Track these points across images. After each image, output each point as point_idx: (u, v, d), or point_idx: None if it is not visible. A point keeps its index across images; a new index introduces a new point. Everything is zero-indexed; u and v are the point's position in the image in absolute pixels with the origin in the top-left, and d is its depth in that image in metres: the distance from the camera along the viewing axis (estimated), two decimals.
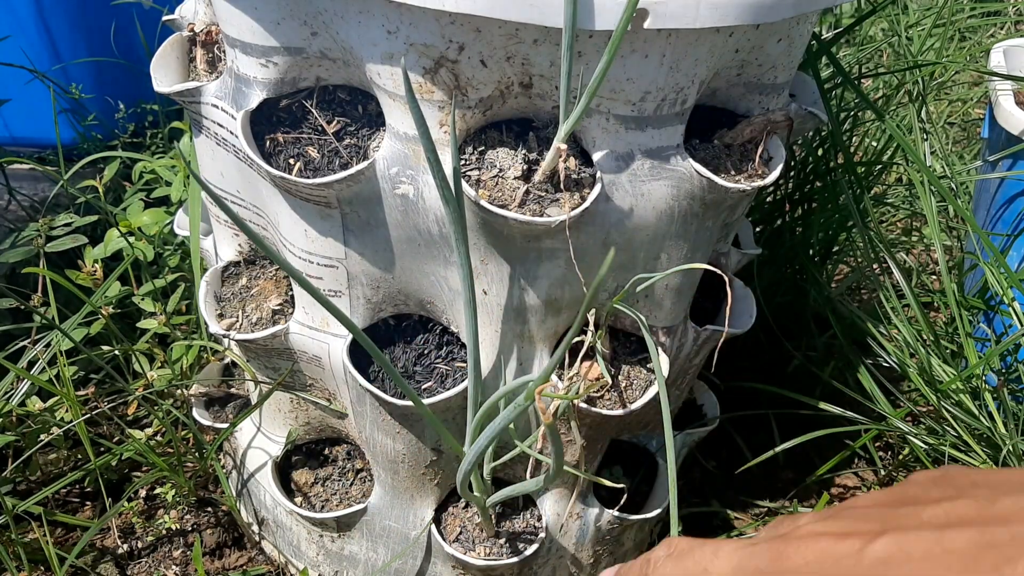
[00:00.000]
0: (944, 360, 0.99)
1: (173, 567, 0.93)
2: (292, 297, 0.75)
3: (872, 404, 1.00)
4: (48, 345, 0.93)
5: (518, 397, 0.53)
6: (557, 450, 0.56)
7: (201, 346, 0.93)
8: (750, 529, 1.05)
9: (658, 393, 0.68)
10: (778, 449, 0.98)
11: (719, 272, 0.61)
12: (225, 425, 0.86)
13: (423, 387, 0.69)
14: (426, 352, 0.70)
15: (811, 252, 1.17)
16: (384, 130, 0.58)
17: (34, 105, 1.27)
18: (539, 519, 0.80)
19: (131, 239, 1.02)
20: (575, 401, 0.68)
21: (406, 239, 0.61)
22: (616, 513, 0.81)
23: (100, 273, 0.94)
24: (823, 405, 0.99)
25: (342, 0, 0.51)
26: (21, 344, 0.95)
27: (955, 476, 0.29)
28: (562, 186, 0.56)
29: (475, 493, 0.70)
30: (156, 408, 0.91)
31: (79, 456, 0.98)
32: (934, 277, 1.48)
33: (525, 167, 0.57)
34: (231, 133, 0.63)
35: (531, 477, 0.78)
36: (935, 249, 1.48)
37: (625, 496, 0.87)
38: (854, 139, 1.46)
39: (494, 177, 0.56)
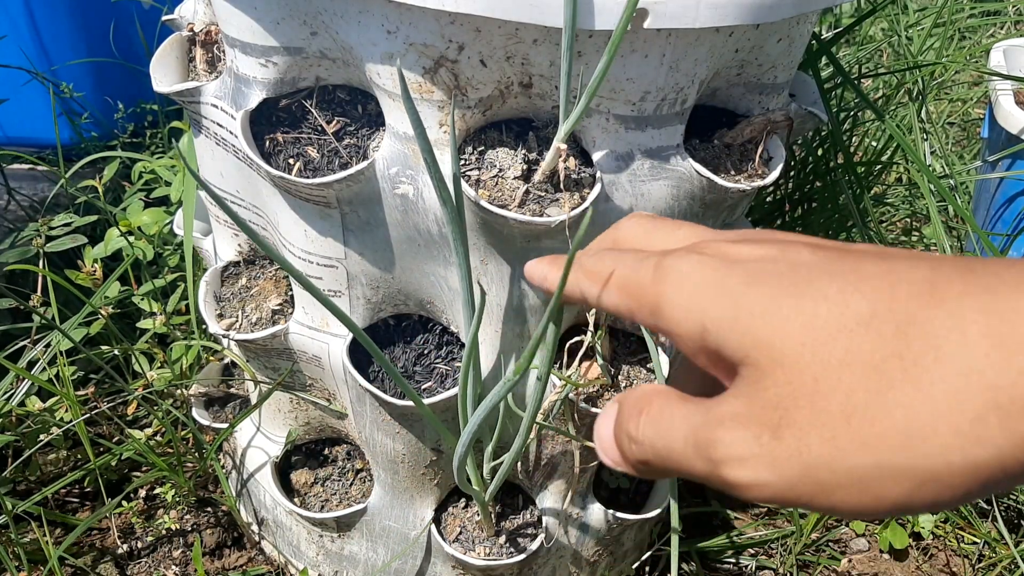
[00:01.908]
0: None
1: (173, 567, 0.93)
2: (292, 297, 0.75)
3: None
4: (48, 345, 0.93)
5: (507, 373, 0.53)
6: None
7: (201, 346, 0.93)
8: (750, 529, 1.05)
9: None
10: None
11: None
12: (225, 425, 0.86)
13: (423, 387, 0.69)
14: (426, 352, 0.70)
15: None
16: (384, 130, 0.58)
17: (31, 105, 1.27)
18: (539, 519, 0.80)
19: (131, 239, 1.02)
20: (575, 401, 0.68)
21: (406, 239, 0.61)
22: (616, 513, 0.81)
23: (100, 273, 0.94)
24: None
25: (342, 0, 0.51)
26: (21, 344, 0.95)
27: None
28: (562, 186, 0.56)
29: (475, 487, 0.70)
30: (156, 408, 0.91)
31: (79, 456, 0.98)
32: None
33: (525, 167, 0.57)
34: (231, 133, 0.63)
35: (530, 477, 0.78)
36: (936, 249, 1.48)
37: (625, 496, 0.88)
38: (854, 139, 1.46)
39: (494, 177, 0.56)
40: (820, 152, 1.12)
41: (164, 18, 0.71)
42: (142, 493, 1.00)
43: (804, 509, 0.26)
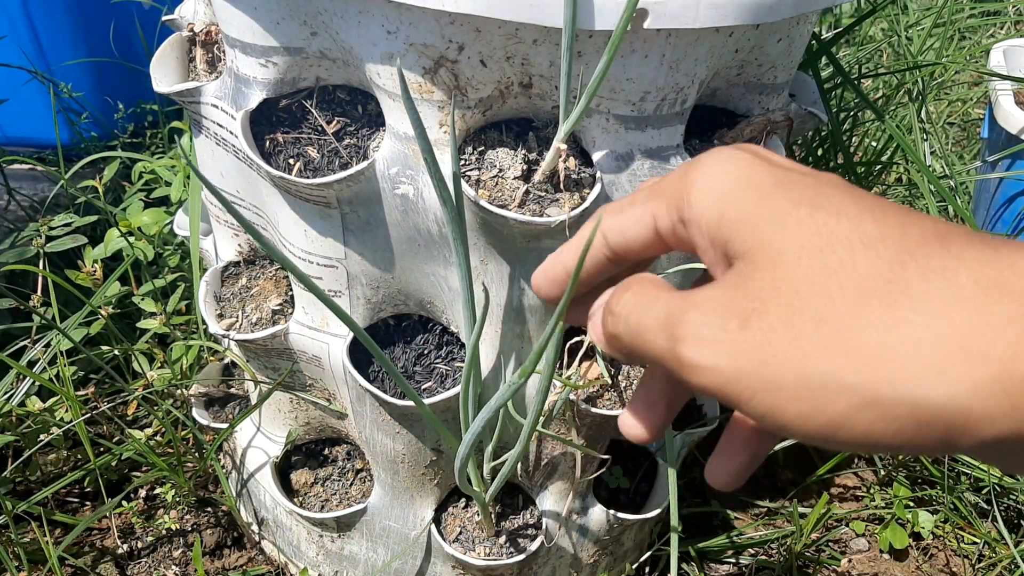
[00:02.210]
0: None
1: (173, 567, 0.93)
2: (292, 297, 0.75)
3: None
4: (48, 345, 0.93)
5: (512, 376, 0.53)
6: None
7: (201, 346, 0.93)
8: (750, 529, 1.05)
9: None
10: (778, 448, 0.97)
11: None
12: (225, 425, 0.86)
13: (423, 387, 0.69)
14: (426, 352, 0.70)
15: None
16: (384, 130, 0.58)
17: (31, 106, 1.27)
18: (539, 519, 0.80)
19: (131, 239, 1.02)
20: (575, 401, 0.68)
21: (406, 239, 0.61)
22: (616, 513, 0.81)
23: (100, 273, 0.94)
24: None
25: (342, 0, 0.51)
26: (21, 344, 0.95)
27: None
28: (562, 186, 0.56)
29: (475, 488, 0.70)
30: (156, 408, 0.91)
31: (79, 456, 0.98)
32: None
33: (525, 167, 0.57)
34: (231, 133, 0.63)
35: (530, 477, 0.78)
36: None
37: (625, 496, 0.88)
38: (854, 139, 1.47)
39: (494, 177, 0.56)
40: (820, 152, 1.12)
41: (164, 18, 0.71)
42: (142, 493, 1.00)
43: (741, 408, 0.26)
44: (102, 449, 0.98)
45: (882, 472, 1.11)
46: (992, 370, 0.22)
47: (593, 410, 0.67)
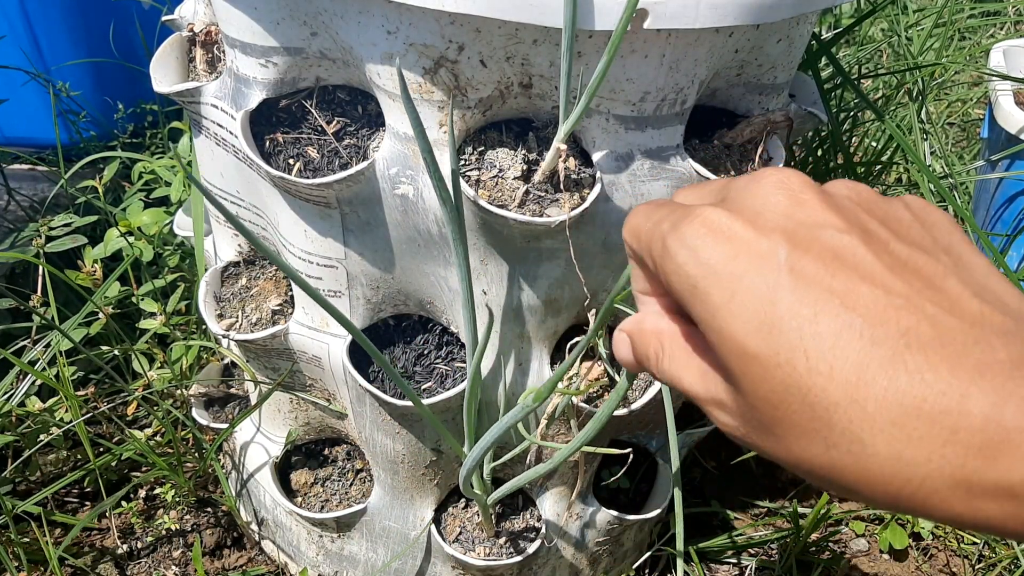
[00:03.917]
0: None
1: (173, 567, 0.93)
2: (292, 297, 0.75)
3: None
4: (48, 345, 0.93)
5: (527, 399, 0.53)
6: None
7: (201, 346, 0.93)
8: (750, 529, 1.05)
9: (658, 393, 0.68)
10: None
11: None
12: (225, 425, 0.86)
13: (423, 387, 0.69)
14: (426, 352, 0.70)
15: None
16: (384, 130, 0.58)
17: (31, 106, 1.27)
18: (539, 519, 0.80)
19: (131, 239, 1.02)
20: (575, 400, 0.68)
21: (406, 239, 0.61)
22: (616, 513, 0.81)
23: (100, 273, 0.94)
24: None
25: (342, 0, 0.51)
26: (21, 344, 0.94)
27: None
28: (562, 186, 0.56)
29: (477, 491, 0.70)
30: (156, 408, 0.91)
31: (79, 456, 0.98)
32: None
33: (525, 167, 0.57)
34: (231, 133, 0.63)
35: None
36: None
37: (624, 496, 0.88)
38: (854, 139, 1.47)
39: (494, 177, 0.56)
40: (820, 152, 1.12)
41: (164, 18, 0.71)
42: (142, 493, 1.00)
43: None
44: (102, 449, 0.98)
45: None
46: None
47: (596, 411, 0.67)
